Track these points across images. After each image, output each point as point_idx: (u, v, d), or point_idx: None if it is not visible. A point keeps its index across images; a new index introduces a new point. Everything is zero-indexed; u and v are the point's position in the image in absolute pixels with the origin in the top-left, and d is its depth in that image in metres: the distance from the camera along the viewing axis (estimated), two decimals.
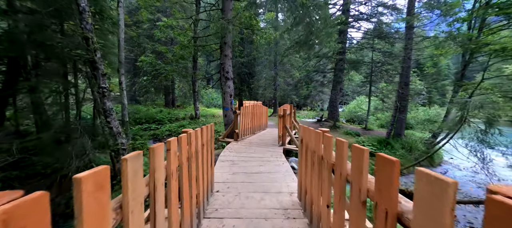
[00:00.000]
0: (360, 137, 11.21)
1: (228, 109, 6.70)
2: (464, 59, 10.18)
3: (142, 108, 15.08)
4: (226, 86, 6.65)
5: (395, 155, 9.80)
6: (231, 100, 6.74)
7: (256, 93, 20.54)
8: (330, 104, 16.94)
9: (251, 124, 7.34)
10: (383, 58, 13.65)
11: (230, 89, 6.75)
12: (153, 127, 12.38)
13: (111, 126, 4.16)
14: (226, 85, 6.64)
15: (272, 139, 6.80)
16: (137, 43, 16.49)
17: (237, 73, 19.75)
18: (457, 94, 10.55)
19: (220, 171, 3.88)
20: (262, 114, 8.88)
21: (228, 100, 6.68)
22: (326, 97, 35.23)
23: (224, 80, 6.62)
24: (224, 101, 6.70)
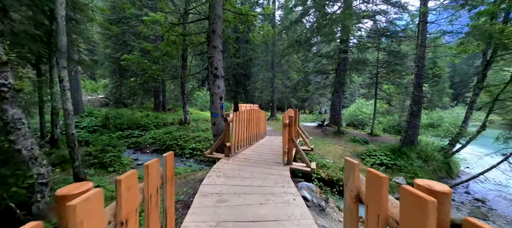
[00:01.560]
0: (370, 145, 9.82)
1: (217, 115, 5.20)
2: (485, 58, 8.94)
3: (126, 112, 13.42)
4: (215, 86, 5.16)
5: (412, 166, 8.44)
6: (221, 103, 5.24)
7: (252, 96, 19.07)
8: (331, 108, 15.57)
9: (247, 133, 5.84)
10: (390, 58, 12.35)
11: (220, 90, 5.25)
12: (136, 133, 10.76)
13: (18, 148, 2.58)
14: (214, 84, 5.15)
15: (273, 153, 5.31)
16: (123, 41, 14.86)
17: (232, 74, 18.28)
18: (477, 97, 9.28)
19: (198, 220, 2.38)
20: (259, 120, 7.38)
21: (218, 104, 5.19)
22: (324, 100, 34.03)
23: (212, 78, 5.12)
24: (213, 105, 5.20)
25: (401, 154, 8.98)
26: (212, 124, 5.38)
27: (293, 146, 4.34)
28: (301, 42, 13.96)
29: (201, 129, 11.00)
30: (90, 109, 13.30)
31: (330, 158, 8.04)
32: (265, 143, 6.87)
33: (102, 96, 18.13)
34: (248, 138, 5.96)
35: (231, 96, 19.10)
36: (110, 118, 11.43)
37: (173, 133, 10.05)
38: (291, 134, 4.28)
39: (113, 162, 6.66)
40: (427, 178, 7.65)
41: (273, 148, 5.95)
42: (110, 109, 14.16)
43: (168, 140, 9.43)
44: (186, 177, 4.44)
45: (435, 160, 9.26)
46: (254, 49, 18.31)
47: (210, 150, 4.91)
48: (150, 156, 8.67)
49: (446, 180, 9.06)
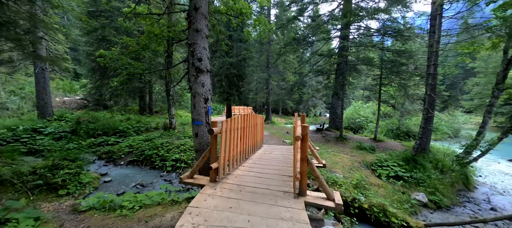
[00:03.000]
0: (380, 154, 8.58)
1: (201, 123, 3.77)
2: (506, 57, 7.92)
3: (104, 115, 11.71)
4: (198, 83, 3.73)
5: (430, 179, 7.23)
6: (207, 107, 3.82)
7: (246, 98, 17.66)
8: (331, 111, 14.37)
9: (242, 145, 4.42)
10: (395, 57, 11.24)
11: (205, 89, 3.82)
12: (112, 140, 9.10)
13: None
14: (197, 81, 3.72)
15: (277, 173, 3.91)
16: (102, 36, 13.13)
17: (225, 74, 16.82)
18: (496, 99, 8.23)
19: None
20: (257, 128, 5.97)
21: (202, 109, 3.76)
22: (319, 102, 33.02)
23: (193, 73, 3.69)
24: (194, 110, 3.76)
25: (416, 165, 7.78)
26: (193, 135, 3.93)
27: (306, 169, 2.95)
28: (300, 40, 12.70)
29: (188, 135, 9.47)
30: (62, 112, 11.50)
31: (338, 171, 6.72)
32: (263, 156, 5.45)
33: (79, 97, 16.23)
34: (242, 151, 4.54)
35: (223, 98, 17.61)
36: (82, 122, 9.72)
37: (155, 141, 8.49)
38: (305, 151, 2.89)
39: (67, 181, 5.07)
40: (446, 192, 5.82)
41: (275, 165, 4.54)
42: (86, 112, 12.38)
43: (147, 149, 7.86)
44: (147, 222, 2.96)
45: (453, 170, 8.13)
46: (248, 48, 16.94)
47: (189, 172, 3.44)
48: (124, 170, 7.08)
49: (465, 193, 7.94)
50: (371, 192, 5.93)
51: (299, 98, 29.87)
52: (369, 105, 23.86)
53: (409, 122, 19.26)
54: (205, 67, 3.76)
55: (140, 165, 7.35)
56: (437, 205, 6.44)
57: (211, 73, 3.98)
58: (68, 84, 18.86)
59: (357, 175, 6.58)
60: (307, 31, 12.38)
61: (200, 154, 3.66)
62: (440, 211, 6.36)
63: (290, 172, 4.01)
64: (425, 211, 6.19)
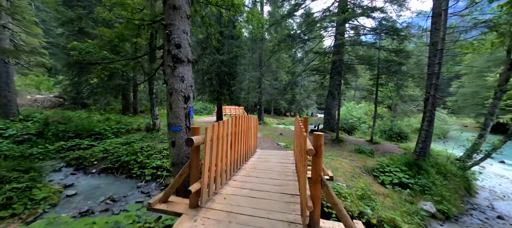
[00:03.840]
0: (380, 158, 7.98)
1: (178, 128, 2.89)
2: (509, 57, 7.55)
3: (79, 115, 10.47)
4: (176, 77, 2.85)
5: (435, 186, 6.69)
6: (188, 109, 2.95)
7: (238, 97, 16.77)
8: (326, 112, 13.77)
9: (232, 155, 3.57)
10: (393, 57, 10.74)
11: (185, 85, 2.94)
12: (85, 144, 7.96)
13: None
14: (175, 75, 2.84)
15: (277, 194, 3.09)
16: (79, 28, 11.82)
17: (215, 72, 15.85)
18: (499, 101, 7.86)
19: None
20: (249, 132, 5.14)
21: (180, 110, 2.89)
22: (310, 102, 32.62)
23: (170, 64, 2.81)
24: (171, 112, 2.88)
25: (419, 170, 7.23)
26: (170, 144, 3.04)
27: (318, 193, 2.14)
28: (294, 37, 11.97)
29: None
30: (30, 111, 10.15)
31: (340, 179, 6.01)
32: (258, 164, 4.62)
33: (53, 95, 14.71)
34: (233, 162, 3.69)
35: (214, 97, 16.63)
36: (50, 123, 8.50)
37: (135, 145, 7.45)
38: (319, 170, 2.09)
39: (14, 199, 4.01)
40: (453, 200, 4.84)
41: (274, 178, 3.73)
42: (56, 111, 11.04)
43: (125, 154, 6.83)
44: None
45: (455, 175, 7.68)
46: (240, 46, 16.06)
47: (162, 194, 2.55)
48: (95, 179, 6.03)
49: (468, 199, 7.49)
50: (378, 203, 5.25)
51: (291, 98, 29.29)
52: (361, 105, 23.61)
53: (401, 123, 19.09)
54: (186, 55, 2.89)
55: (115, 173, 6.32)
56: (445, 215, 5.88)
57: (194, 64, 3.11)
58: (44, 81, 17.19)
59: (361, 183, 5.90)
60: (303, 28, 11.67)
61: (178, 169, 2.80)
62: (449, 222, 5.80)
63: (292, 188, 3.21)
64: (434, 223, 5.60)
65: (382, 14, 11.35)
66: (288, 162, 4.86)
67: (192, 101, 3.07)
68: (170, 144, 3.01)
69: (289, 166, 4.48)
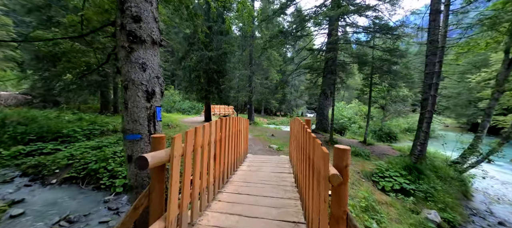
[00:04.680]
0: (380, 162, 7.46)
1: (138, 136, 2.06)
2: (507, 56, 7.28)
3: (46, 114, 9.20)
4: (132, 63, 2.01)
5: (437, 192, 6.25)
6: (153, 108, 2.12)
7: (227, 96, 15.89)
8: (318, 112, 13.24)
9: (217, 169, 2.80)
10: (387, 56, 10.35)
11: (148, 75, 2.10)
12: (48, 148, 6.82)
13: None
14: (131, 59, 2.00)
15: (275, 221, 2.34)
16: (48, 17, 10.44)
17: (203, 69, 14.86)
18: (496, 101, 7.60)
19: None
20: (239, 135, 4.36)
21: (140, 110, 2.06)
22: (301, 102, 32.26)
23: (124, 44, 1.98)
24: (127, 112, 2.05)
25: (419, 175, 6.78)
26: (126, 159, 2.19)
27: None
28: (287, 33, 11.30)
29: None
30: None
31: None
32: (249, 176, 3.85)
33: (19, 92, 13.11)
34: (219, 176, 2.90)
35: (201, 95, 15.64)
36: (8, 124, 7.26)
37: (107, 149, 6.43)
38: (344, 205, 1.36)
39: None
40: (455, 206, 3.99)
41: (270, 194, 2.98)
42: (22, 110, 9.67)
43: (93, 160, 5.82)
44: None
45: (452, 178, 7.33)
46: (230, 42, 15.16)
47: None
48: (54, 192, 4.99)
49: (466, 204, 7.16)
50: (383, 215, 4.66)
51: (282, 97, 28.75)
52: (351, 105, 23.48)
53: (390, 123, 19.06)
54: (149, 34, 2.07)
55: (80, 184, 5.31)
56: (450, 224, 5.42)
57: (161, 45, 2.27)
58: (11, 76, 15.38)
59: (362, 191, 5.30)
60: (296, 23, 11.02)
61: (138, 195, 1.99)
62: None
63: (293, 211, 2.48)
64: None
65: (375, 13, 10.97)
66: (284, 171, 4.13)
67: (161, 98, 2.25)
68: (127, 158, 2.17)
69: (287, 177, 3.76)
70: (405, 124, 20.16)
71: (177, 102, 23.51)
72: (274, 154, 7.84)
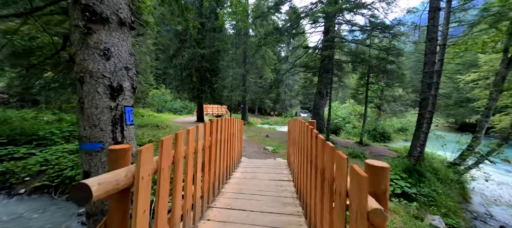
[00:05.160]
0: None
1: (97, 146, 1.58)
2: (506, 56, 7.13)
3: (22, 115, 8.41)
4: (89, 48, 1.54)
5: (439, 196, 6.00)
6: (121, 108, 1.64)
7: (220, 95, 15.35)
8: (313, 111, 12.93)
9: (205, 182, 2.31)
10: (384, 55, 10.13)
11: (113, 65, 1.63)
12: (21, 152, 6.11)
13: None
14: (88, 44, 1.53)
15: None
16: None
17: (196, 68, 14.27)
18: (494, 102, 7.45)
19: None
20: (233, 139, 3.90)
21: (100, 112, 1.59)
22: (295, 102, 32.03)
23: (78, 22, 1.50)
24: (83, 116, 1.58)
25: (419, 177, 6.52)
26: (82, 176, 1.68)
27: None
28: (282, 30, 10.89)
29: (139, 143, 6.94)
30: None
31: None
32: (243, 184, 3.40)
33: None
34: (208, 190, 2.43)
35: (194, 94, 15.04)
36: None
37: None
38: None
39: None
40: (458, 210, 3.59)
41: (269, 210, 2.54)
42: None
43: (70, 166, 5.20)
44: None
45: (452, 181, 7.13)
46: (223, 39, 14.62)
47: None
48: (21, 203, 4.36)
49: (465, 206, 6.97)
50: (388, 223, 4.31)
51: (276, 97, 28.40)
52: (345, 105, 23.40)
53: (383, 123, 19.04)
54: (114, 11, 1.58)
55: (53, 194, 4.69)
56: None
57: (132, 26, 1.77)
58: None
59: None
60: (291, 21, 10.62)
61: (95, 224, 1.50)
62: None
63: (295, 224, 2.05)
64: None
65: (370, 12, 10.75)
66: (282, 179, 3.70)
67: (132, 95, 1.76)
68: (82, 176, 1.65)
69: (286, 186, 3.32)
70: (398, 124, 20.19)
71: (168, 101, 22.72)
72: (269, 156, 7.42)
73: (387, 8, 11.36)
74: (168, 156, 1.41)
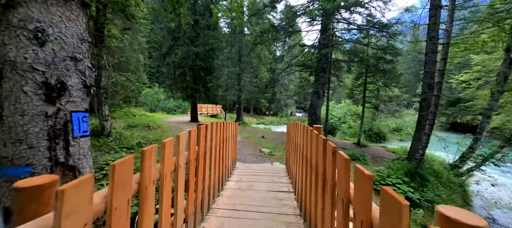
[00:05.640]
0: (380, 167, 6.84)
1: (24, 171, 1.13)
2: (509, 56, 6.91)
3: None
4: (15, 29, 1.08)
5: (441, 199, 5.72)
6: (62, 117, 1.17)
7: (215, 95, 14.83)
8: (310, 112, 12.57)
9: (196, 196, 1.86)
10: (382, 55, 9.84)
11: (50, 52, 1.19)
12: None
13: None
14: (9, 22, 1.07)
15: None
16: None
17: (189, 66, 13.71)
18: (496, 102, 7.23)
19: None
20: (226, 145, 3.44)
21: (29, 120, 1.14)
22: (291, 101, 31.72)
23: None
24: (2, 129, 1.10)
25: (422, 180, 6.22)
26: (1, 211, 1.21)
27: None
28: (278, 28, 10.47)
29: (126, 146, 6.40)
30: None
31: None
32: (238, 198, 2.96)
33: None
34: (197, 206, 1.96)
35: (187, 94, 14.47)
36: None
37: None
38: None
39: None
40: None
41: None
42: None
43: None
44: None
45: (454, 183, 6.88)
46: (217, 37, 14.09)
47: None
48: None
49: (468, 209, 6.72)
50: None
51: (271, 96, 28.02)
52: (341, 105, 23.21)
53: (379, 123, 18.91)
54: None
55: None
56: None
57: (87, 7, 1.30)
58: None
59: None
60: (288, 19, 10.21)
61: None
62: None
63: None
64: None
65: (367, 11, 10.46)
66: (282, 189, 3.27)
67: (85, 96, 1.29)
68: (2, 212, 1.16)
69: (286, 200, 2.89)
70: (393, 124, 20.10)
71: (161, 100, 22.00)
72: (265, 159, 6.99)
73: (384, 7, 11.11)
74: (125, 187, 0.95)
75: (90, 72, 1.36)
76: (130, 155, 0.99)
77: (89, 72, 1.35)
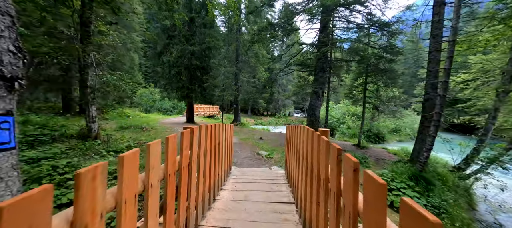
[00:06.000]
0: (383, 170, 6.51)
1: None
2: None
3: None
4: None
5: (451, 206, 5.40)
6: None
7: (211, 95, 14.43)
8: (309, 112, 12.24)
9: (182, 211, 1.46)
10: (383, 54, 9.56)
11: None
12: None
13: None
14: None
15: None
16: None
17: (185, 65, 13.29)
18: (501, 103, 6.97)
19: None
20: (219, 149, 3.06)
21: None
22: (289, 102, 31.41)
23: None
24: None
25: (427, 185, 5.91)
26: None
27: None
28: (276, 26, 10.13)
29: (115, 149, 5.98)
30: None
31: None
32: (233, 212, 2.59)
33: None
34: (183, 224, 1.58)
35: (183, 94, 14.04)
36: None
37: (46, 163, 4.81)
38: None
39: None
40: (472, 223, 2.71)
41: None
42: None
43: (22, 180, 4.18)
44: None
45: (459, 187, 6.59)
46: (214, 36, 13.70)
47: None
48: None
49: (473, 214, 6.45)
50: None
51: (269, 97, 27.69)
52: (340, 105, 22.97)
53: (378, 124, 18.69)
54: None
55: None
56: None
57: None
58: None
59: None
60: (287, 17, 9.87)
61: None
62: None
63: None
64: None
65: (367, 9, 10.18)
66: (282, 200, 2.90)
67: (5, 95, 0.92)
68: None
69: (287, 214, 2.52)
70: (392, 125, 19.91)
71: (157, 101, 21.52)
72: (263, 163, 6.62)
73: (384, 5, 10.85)
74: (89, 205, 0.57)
75: (14, 58, 0.99)
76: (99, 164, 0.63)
77: (12, 59, 0.97)
